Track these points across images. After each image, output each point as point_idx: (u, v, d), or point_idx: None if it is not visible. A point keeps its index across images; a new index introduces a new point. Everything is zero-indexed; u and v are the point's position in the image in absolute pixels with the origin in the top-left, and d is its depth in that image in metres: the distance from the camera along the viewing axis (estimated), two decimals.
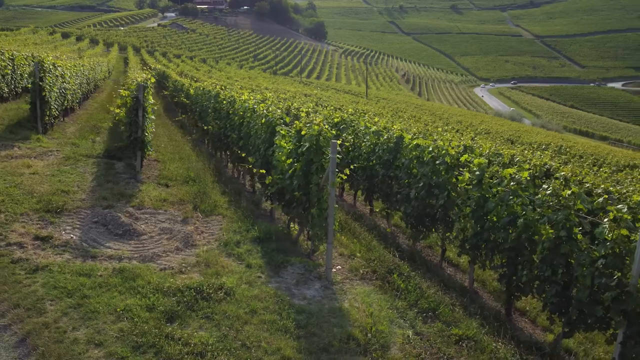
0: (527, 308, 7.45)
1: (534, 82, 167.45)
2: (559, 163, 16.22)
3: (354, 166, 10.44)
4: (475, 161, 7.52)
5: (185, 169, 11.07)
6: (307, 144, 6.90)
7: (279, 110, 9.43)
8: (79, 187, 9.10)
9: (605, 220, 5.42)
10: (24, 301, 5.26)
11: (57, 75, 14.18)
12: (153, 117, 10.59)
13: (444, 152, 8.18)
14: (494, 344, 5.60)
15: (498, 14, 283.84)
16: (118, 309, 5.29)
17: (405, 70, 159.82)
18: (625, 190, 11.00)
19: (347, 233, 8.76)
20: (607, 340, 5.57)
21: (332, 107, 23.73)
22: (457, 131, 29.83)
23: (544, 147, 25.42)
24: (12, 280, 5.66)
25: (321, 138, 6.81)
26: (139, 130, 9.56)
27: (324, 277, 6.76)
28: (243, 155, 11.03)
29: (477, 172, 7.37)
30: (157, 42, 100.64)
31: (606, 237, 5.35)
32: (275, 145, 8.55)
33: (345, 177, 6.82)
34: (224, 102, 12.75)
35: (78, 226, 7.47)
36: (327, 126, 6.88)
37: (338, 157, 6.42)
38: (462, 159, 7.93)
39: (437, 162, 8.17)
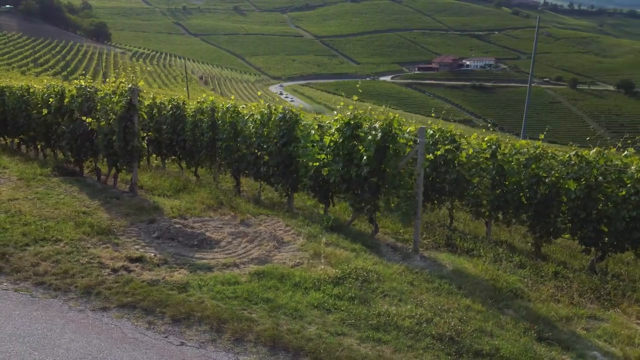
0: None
1: (321, 79, 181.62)
2: None
3: None
4: (487, 138, 9.00)
5: (163, 179, 10.33)
6: (380, 133, 7.47)
7: (280, 106, 9.61)
8: (87, 206, 7.99)
9: (633, 167, 7.36)
10: (223, 315, 4.96)
11: None
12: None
13: (449, 134, 9.47)
14: (571, 274, 7.12)
15: (279, 15, 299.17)
16: (315, 304, 5.33)
17: (202, 72, 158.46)
18: None
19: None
20: (637, 254, 7.56)
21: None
22: None
23: None
24: (179, 300, 5.19)
25: (394, 126, 7.47)
26: (135, 139, 8.68)
27: (412, 251, 7.49)
28: (218, 157, 10.78)
29: (493, 147, 8.85)
30: None
31: (631, 179, 7.28)
32: (300, 142, 8.84)
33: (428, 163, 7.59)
34: (172, 106, 12.06)
35: (143, 244, 6.79)
36: (397, 115, 7.56)
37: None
38: (472, 137, 9.35)
39: (446, 142, 9.43)
